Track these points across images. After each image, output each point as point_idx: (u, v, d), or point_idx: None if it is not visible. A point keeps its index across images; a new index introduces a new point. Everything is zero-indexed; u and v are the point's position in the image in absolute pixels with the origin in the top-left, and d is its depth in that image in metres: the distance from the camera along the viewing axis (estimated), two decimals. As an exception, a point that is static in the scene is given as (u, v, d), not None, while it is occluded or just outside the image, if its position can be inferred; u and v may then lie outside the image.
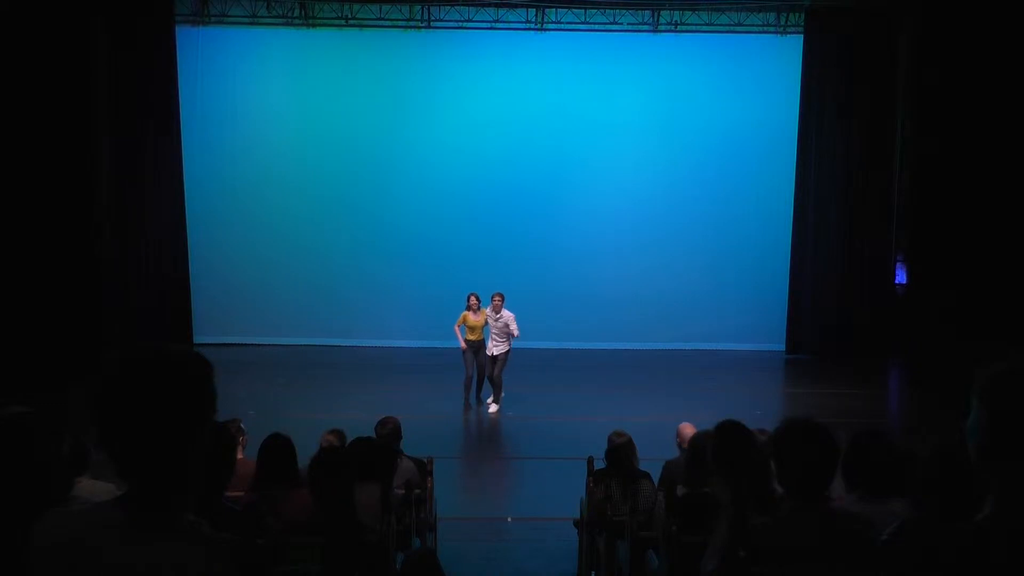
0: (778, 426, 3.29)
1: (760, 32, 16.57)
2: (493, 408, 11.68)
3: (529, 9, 16.28)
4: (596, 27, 16.42)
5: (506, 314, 11.79)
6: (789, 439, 3.19)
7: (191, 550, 1.84)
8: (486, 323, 11.86)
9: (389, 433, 6.34)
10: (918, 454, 4.12)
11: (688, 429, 6.14)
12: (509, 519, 7.98)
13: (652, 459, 6.42)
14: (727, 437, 4.44)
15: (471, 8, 16.23)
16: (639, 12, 16.36)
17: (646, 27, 16.54)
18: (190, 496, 1.92)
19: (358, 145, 16.49)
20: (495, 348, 11.78)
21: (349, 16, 16.30)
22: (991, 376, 1.85)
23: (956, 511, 2.98)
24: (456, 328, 12.09)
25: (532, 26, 16.47)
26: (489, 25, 16.40)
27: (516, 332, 11.74)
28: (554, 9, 16.25)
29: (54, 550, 1.84)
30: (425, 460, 6.56)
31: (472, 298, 12.00)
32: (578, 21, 16.37)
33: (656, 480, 5.97)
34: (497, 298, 11.90)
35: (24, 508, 2.16)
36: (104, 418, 1.87)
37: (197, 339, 15.70)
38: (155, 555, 1.82)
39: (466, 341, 11.92)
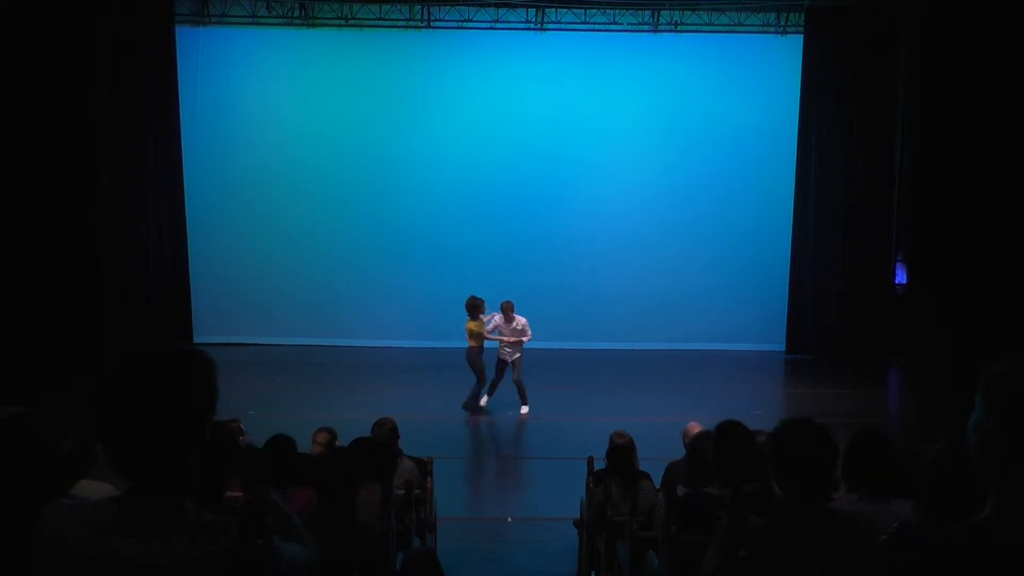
0: (776, 426, 3.29)
1: (760, 32, 16.57)
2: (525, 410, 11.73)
3: (529, 9, 16.28)
4: (596, 27, 16.41)
5: (520, 319, 11.85)
6: (787, 439, 3.19)
7: (191, 544, 1.85)
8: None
9: (387, 434, 6.34)
10: (923, 454, 4.13)
11: (695, 428, 6.15)
12: (509, 519, 7.99)
13: (652, 459, 6.43)
14: (727, 438, 4.45)
15: (471, 8, 16.23)
16: (639, 12, 16.36)
17: (646, 27, 16.53)
18: (189, 491, 1.93)
19: (358, 145, 16.49)
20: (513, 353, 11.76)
21: (349, 16, 16.30)
22: (992, 376, 1.85)
23: (957, 511, 2.98)
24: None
25: (532, 26, 16.47)
26: (489, 25, 16.40)
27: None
28: (554, 9, 16.25)
29: (54, 545, 1.85)
30: (425, 460, 6.56)
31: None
32: (578, 21, 16.37)
33: (658, 481, 5.97)
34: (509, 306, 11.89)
35: (23, 507, 2.16)
36: (104, 416, 1.88)
37: (197, 339, 15.70)
38: (155, 550, 1.83)
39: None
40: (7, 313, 12.68)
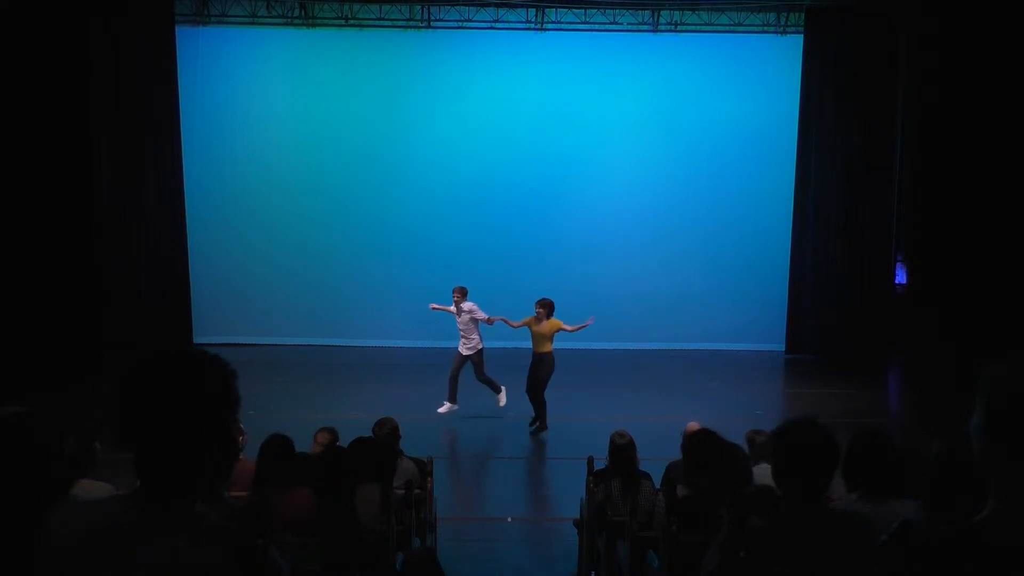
0: (778, 426, 3.29)
1: (760, 32, 16.56)
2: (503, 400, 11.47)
3: (529, 9, 16.28)
4: (596, 27, 16.41)
5: (467, 305, 11.32)
6: (789, 439, 3.19)
7: (207, 543, 1.85)
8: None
9: (388, 434, 6.34)
10: (923, 454, 4.14)
11: (695, 428, 6.15)
12: (509, 519, 7.98)
13: (652, 459, 6.43)
14: (696, 445, 4.52)
15: (471, 8, 16.23)
16: (639, 12, 16.36)
17: (646, 27, 16.53)
18: (200, 493, 1.94)
19: (358, 145, 16.49)
20: (464, 347, 11.39)
21: (349, 16, 16.29)
22: (992, 376, 1.85)
23: (958, 511, 2.98)
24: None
25: (532, 26, 16.46)
26: (489, 25, 16.40)
27: (483, 317, 11.25)
28: (554, 9, 16.24)
29: (72, 544, 1.85)
30: (425, 460, 6.57)
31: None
32: (578, 21, 16.37)
33: (658, 481, 5.98)
34: (457, 293, 11.45)
35: (23, 507, 2.16)
36: (125, 415, 1.88)
37: (197, 339, 15.69)
38: (172, 549, 1.83)
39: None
40: (7, 313, 12.67)
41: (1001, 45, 13.22)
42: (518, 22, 16.43)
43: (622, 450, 6.00)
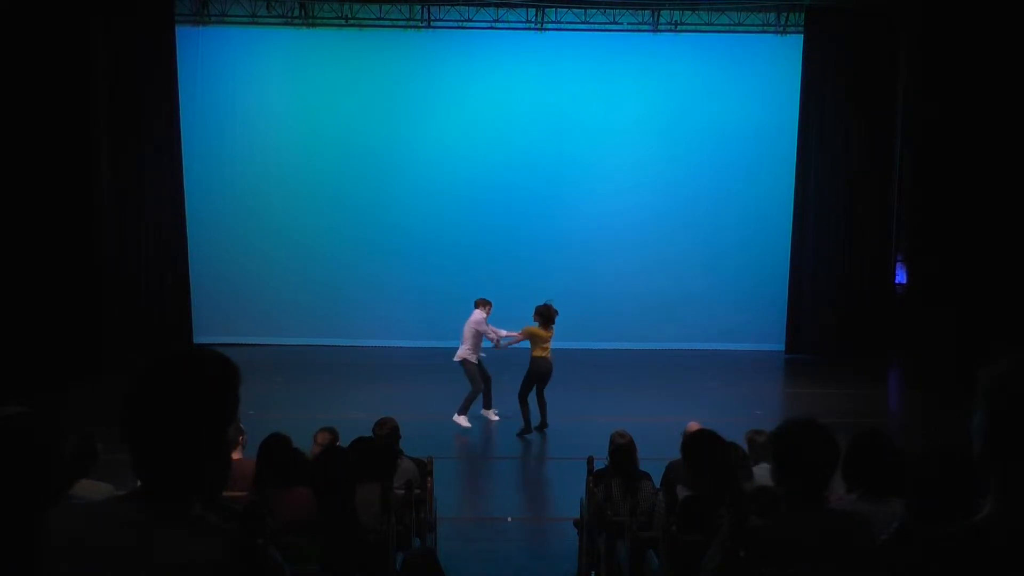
0: (778, 426, 3.29)
1: (760, 32, 16.57)
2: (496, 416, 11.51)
3: (529, 9, 16.29)
4: (596, 27, 16.43)
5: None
6: (789, 439, 3.19)
7: (206, 543, 1.85)
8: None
9: (388, 434, 6.34)
10: (913, 455, 4.14)
11: (695, 428, 6.15)
12: (509, 519, 7.98)
13: (652, 459, 6.43)
14: (695, 446, 4.51)
15: (471, 8, 16.25)
16: (639, 12, 16.37)
17: (646, 27, 16.54)
18: (200, 494, 1.94)
19: (358, 145, 16.51)
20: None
21: (349, 16, 16.31)
22: (993, 376, 1.85)
23: (953, 511, 2.98)
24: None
25: (532, 26, 16.47)
26: (489, 25, 16.41)
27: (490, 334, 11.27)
28: (554, 9, 16.25)
29: (72, 545, 1.85)
30: (425, 460, 6.57)
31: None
32: (578, 21, 16.38)
33: (658, 481, 5.98)
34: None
35: (23, 508, 2.16)
36: (131, 414, 1.89)
37: (197, 339, 15.70)
38: (172, 549, 1.83)
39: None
40: (7, 313, 12.67)
41: (1001, 45, 13.21)
42: (518, 22, 16.44)
43: (622, 450, 6.00)
